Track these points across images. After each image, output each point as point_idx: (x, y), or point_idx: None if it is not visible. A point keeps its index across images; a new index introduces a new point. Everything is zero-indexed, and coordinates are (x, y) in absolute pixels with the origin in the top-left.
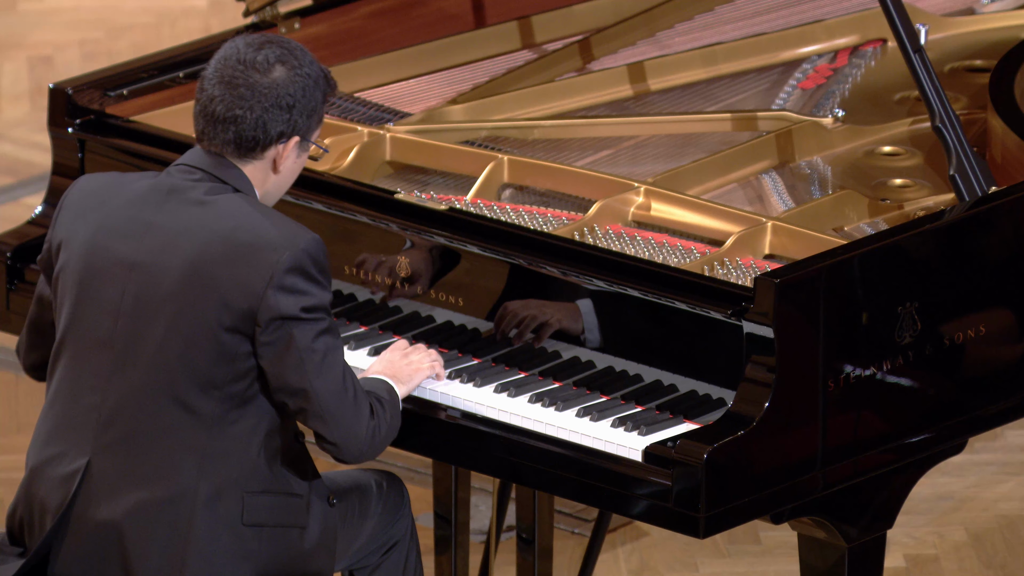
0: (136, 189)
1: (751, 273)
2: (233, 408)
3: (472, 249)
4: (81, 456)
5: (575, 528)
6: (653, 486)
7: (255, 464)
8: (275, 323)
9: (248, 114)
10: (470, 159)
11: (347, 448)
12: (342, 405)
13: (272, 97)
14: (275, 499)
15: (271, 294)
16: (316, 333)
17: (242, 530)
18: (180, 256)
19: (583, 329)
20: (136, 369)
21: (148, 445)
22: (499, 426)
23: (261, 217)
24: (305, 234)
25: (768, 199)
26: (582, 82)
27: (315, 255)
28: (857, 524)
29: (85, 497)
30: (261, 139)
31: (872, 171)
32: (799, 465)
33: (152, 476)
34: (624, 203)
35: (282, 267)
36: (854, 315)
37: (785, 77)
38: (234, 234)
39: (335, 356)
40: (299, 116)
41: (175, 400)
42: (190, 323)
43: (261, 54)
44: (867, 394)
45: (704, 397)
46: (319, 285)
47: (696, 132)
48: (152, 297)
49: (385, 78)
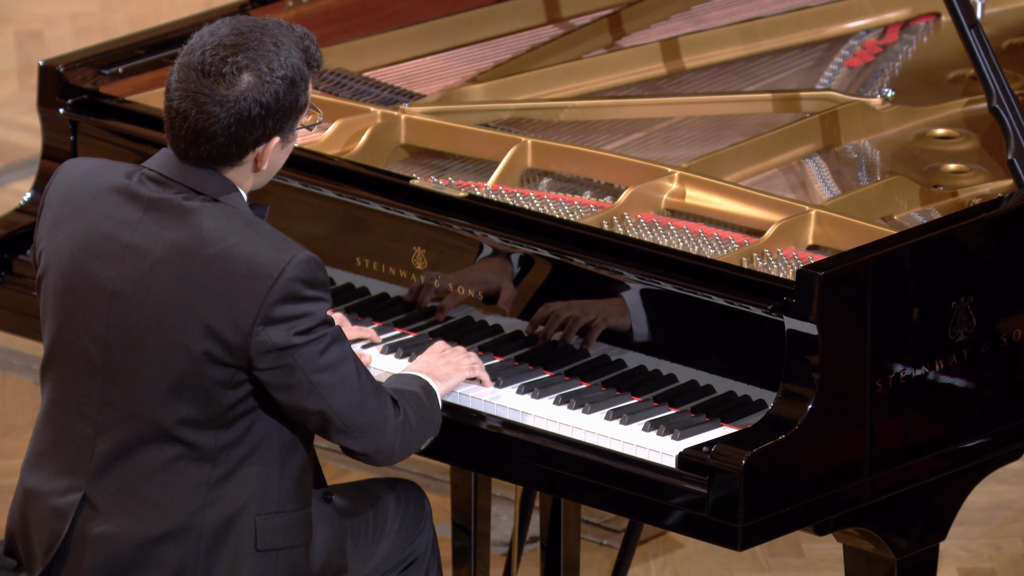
0: (113, 202)
1: (793, 265)
2: (236, 435)
3: (493, 239)
4: (75, 491)
5: (603, 539)
6: (687, 494)
7: (266, 486)
8: (271, 356)
9: (217, 129)
10: (491, 143)
11: (379, 453)
12: (365, 413)
13: (243, 110)
14: (289, 518)
15: (260, 330)
16: (320, 351)
17: (256, 558)
18: (161, 287)
19: (612, 326)
20: (126, 406)
21: (147, 486)
22: (522, 429)
23: (245, 237)
24: (294, 256)
25: (812, 186)
26: (612, 59)
27: (307, 277)
28: (907, 535)
29: (81, 531)
30: (236, 151)
31: (924, 155)
32: (845, 472)
33: (153, 514)
34: (657, 190)
35: (272, 299)
36: (904, 310)
37: (830, 54)
38: (217, 263)
39: (346, 367)
40: (275, 121)
41: (171, 438)
42: (177, 358)
43: (228, 64)
44: (918, 395)
45: (742, 399)
46: (315, 301)
47: (734, 113)
48: (135, 329)
49: (399, 55)
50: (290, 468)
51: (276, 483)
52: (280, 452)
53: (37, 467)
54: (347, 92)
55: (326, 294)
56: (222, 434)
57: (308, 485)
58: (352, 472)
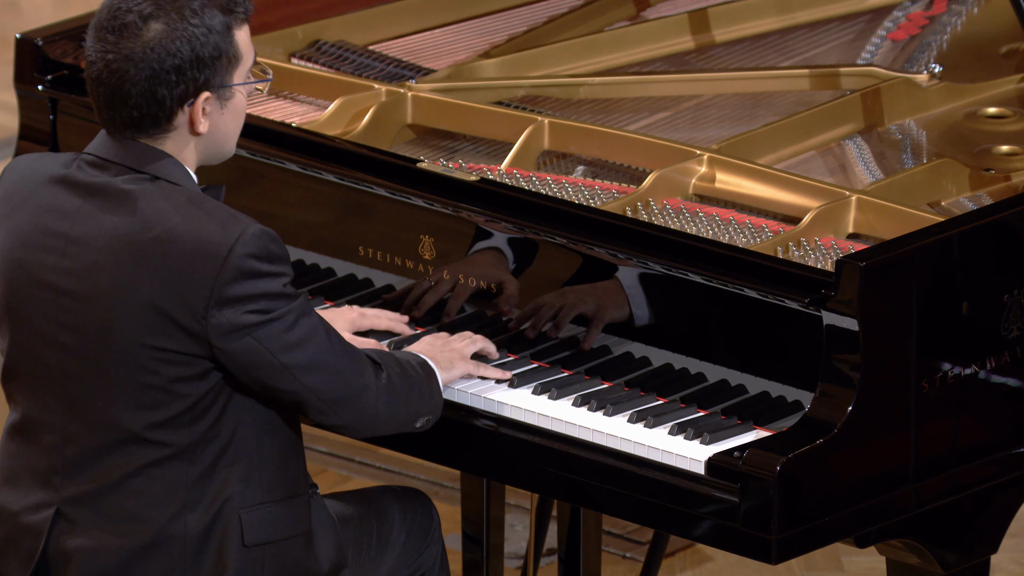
0: (51, 193)
1: (832, 255)
2: (208, 428)
3: (507, 227)
4: (47, 506)
5: (626, 552)
6: (717, 503)
7: (246, 477)
8: (232, 338)
9: (132, 90)
10: (505, 122)
11: (362, 423)
12: (343, 385)
13: (153, 63)
14: (276, 509)
15: (215, 313)
16: (285, 329)
17: (245, 554)
18: (108, 279)
19: (636, 320)
20: (90, 411)
21: (122, 495)
22: (539, 433)
23: (188, 215)
24: (243, 230)
25: (852, 169)
26: (636, 32)
27: (259, 252)
28: (956, 548)
29: (59, 546)
30: (161, 112)
31: (974, 136)
32: (888, 479)
33: (132, 524)
34: (684, 174)
35: (224, 279)
36: (953, 304)
37: (873, 27)
38: (162, 246)
39: (316, 341)
40: (196, 72)
41: (140, 440)
42: (135, 354)
43: (132, 15)
44: (967, 396)
45: (777, 400)
46: (272, 277)
47: (768, 91)
48: (87, 327)
49: (406, 27)
50: (269, 453)
51: (256, 472)
52: (256, 438)
53: (6, 485)
54: (349, 67)
55: (284, 267)
56: (194, 429)
57: (294, 471)
58: (354, 479)
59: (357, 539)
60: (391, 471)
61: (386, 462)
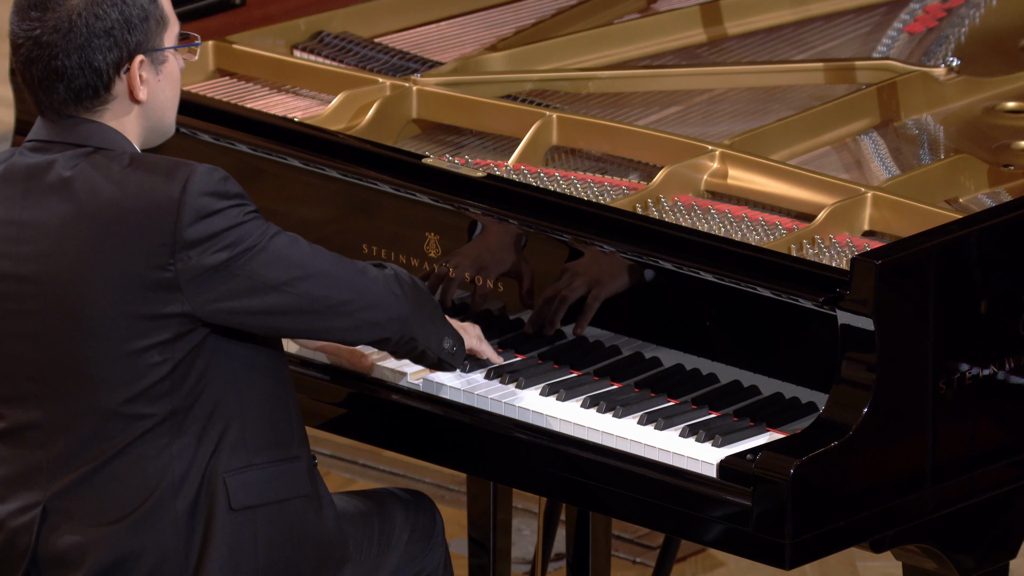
0: None
1: (847, 253)
2: (187, 394)
3: (514, 224)
4: (33, 507)
5: (636, 557)
6: (730, 507)
7: (232, 440)
8: (210, 279)
9: (66, 62)
10: (512, 117)
11: (396, 320)
12: (345, 284)
13: (82, 29)
14: (263, 472)
15: (184, 256)
16: (260, 249)
17: (232, 517)
18: (66, 258)
19: (646, 320)
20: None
21: (109, 480)
22: (546, 435)
23: (131, 174)
24: (191, 173)
25: (868, 165)
26: (646, 25)
27: (212, 189)
28: (974, 553)
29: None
30: (95, 81)
31: (993, 131)
32: (904, 482)
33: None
34: (696, 169)
35: (184, 222)
36: (971, 303)
37: (889, 19)
38: (113, 208)
39: (297, 248)
40: (126, 34)
41: (124, 417)
42: (105, 330)
43: None
44: (986, 397)
45: (791, 401)
46: (230, 209)
47: (782, 85)
48: (56, 311)
49: (411, 20)
50: (254, 416)
51: (241, 436)
52: (239, 401)
53: None
54: (353, 59)
55: (243, 200)
56: (173, 398)
57: (285, 433)
58: (358, 482)
59: (359, 535)
60: (396, 474)
61: (391, 465)
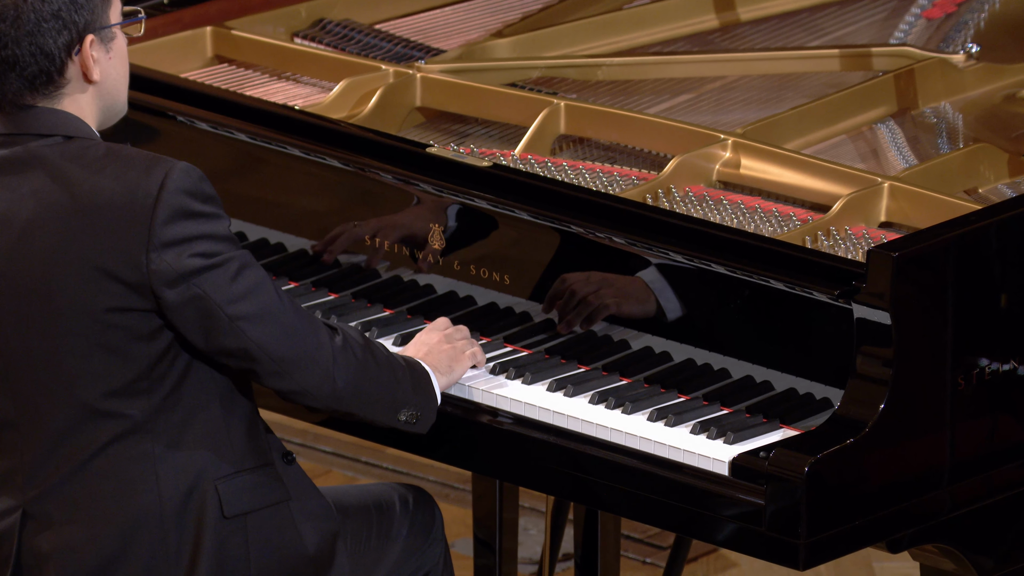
0: None
1: (863, 245)
2: (168, 394)
3: (521, 215)
4: (12, 511)
5: (646, 557)
6: (742, 505)
7: (216, 446)
8: (177, 288)
9: (16, 50)
10: (518, 105)
11: (320, 387)
12: (295, 343)
13: (30, 18)
14: (252, 476)
15: (155, 257)
16: (230, 278)
17: (225, 526)
18: (40, 248)
19: (656, 313)
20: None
21: (90, 479)
22: (553, 432)
23: (108, 166)
24: (169, 168)
25: (885, 154)
26: (656, 10)
27: (191, 188)
28: (993, 554)
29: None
30: (48, 66)
31: (1013, 119)
32: (921, 481)
33: (101, 511)
34: (707, 159)
35: (159, 220)
36: (990, 297)
37: (906, 4)
38: (88, 200)
39: (264, 293)
40: (73, 14)
41: (100, 415)
42: (78, 323)
43: None
44: (1006, 394)
45: (805, 397)
46: (208, 218)
47: (796, 72)
48: (26, 304)
49: (415, 6)
50: (236, 421)
51: (226, 441)
52: (222, 405)
53: None
54: (355, 47)
55: (219, 209)
56: (152, 398)
57: (261, 437)
58: (360, 480)
59: (356, 529)
60: (399, 471)
61: (394, 463)
